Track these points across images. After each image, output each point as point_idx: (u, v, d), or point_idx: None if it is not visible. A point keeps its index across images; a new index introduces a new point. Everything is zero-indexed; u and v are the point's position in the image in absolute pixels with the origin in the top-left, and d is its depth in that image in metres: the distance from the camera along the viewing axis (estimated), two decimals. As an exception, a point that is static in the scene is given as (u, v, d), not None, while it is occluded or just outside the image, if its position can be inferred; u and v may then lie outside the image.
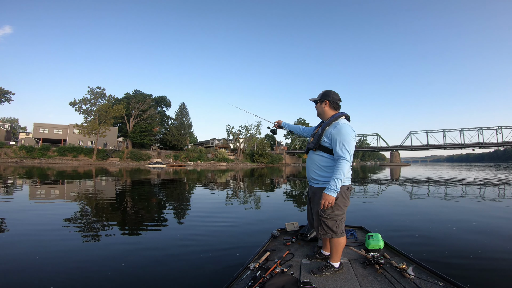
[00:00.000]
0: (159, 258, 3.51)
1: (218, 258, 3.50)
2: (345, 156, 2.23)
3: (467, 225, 5.27)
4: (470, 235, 4.54)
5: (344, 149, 2.23)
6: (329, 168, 2.38)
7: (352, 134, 2.29)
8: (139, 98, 62.59)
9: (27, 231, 4.63)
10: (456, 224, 5.34)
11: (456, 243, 4.09)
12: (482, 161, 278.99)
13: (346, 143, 2.24)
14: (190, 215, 6.57)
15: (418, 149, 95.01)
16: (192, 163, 57.41)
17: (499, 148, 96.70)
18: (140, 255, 3.64)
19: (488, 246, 3.91)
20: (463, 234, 4.59)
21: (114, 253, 3.70)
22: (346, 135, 2.26)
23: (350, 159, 2.25)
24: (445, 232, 4.72)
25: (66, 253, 3.64)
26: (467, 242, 4.15)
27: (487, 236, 4.48)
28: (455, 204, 7.91)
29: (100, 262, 3.34)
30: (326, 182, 2.37)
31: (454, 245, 3.98)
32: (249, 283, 2.09)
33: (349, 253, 2.81)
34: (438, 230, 4.85)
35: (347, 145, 2.24)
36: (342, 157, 2.24)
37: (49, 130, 55.40)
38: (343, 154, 2.24)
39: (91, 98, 49.72)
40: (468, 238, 4.37)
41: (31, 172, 21.98)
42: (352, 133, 2.30)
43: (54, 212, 6.43)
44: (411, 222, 5.52)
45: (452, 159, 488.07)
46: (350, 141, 2.25)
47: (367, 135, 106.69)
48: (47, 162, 44.64)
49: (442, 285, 2.06)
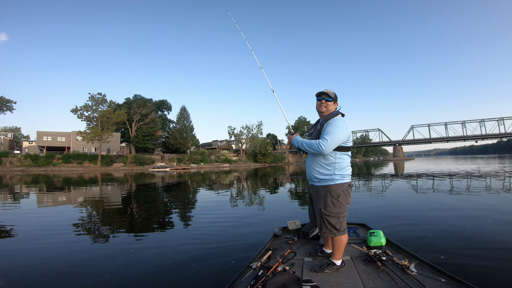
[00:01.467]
0: (163, 258, 3.60)
1: (221, 257, 3.56)
2: (323, 141, 2.30)
3: (472, 220, 5.22)
4: (475, 230, 4.49)
5: (328, 136, 2.31)
6: (330, 165, 2.41)
7: (342, 127, 2.35)
8: (140, 103, 62.80)
9: (36, 237, 4.72)
10: (461, 219, 5.30)
11: (460, 239, 4.07)
12: (486, 153, 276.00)
13: (331, 133, 2.31)
14: (194, 216, 6.69)
15: (421, 143, 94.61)
16: (195, 166, 57.54)
17: (502, 139, 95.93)
18: (144, 255, 3.73)
19: (492, 242, 3.87)
20: (467, 230, 4.55)
21: (121, 254, 3.80)
22: (335, 126, 2.34)
23: (327, 145, 2.29)
24: (448, 227, 4.71)
25: (74, 256, 3.71)
26: (471, 237, 4.12)
27: (492, 232, 4.41)
28: (459, 199, 7.88)
29: (105, 262, 3.43)
30: (327, 180, 2.41)
31: (457, 241, 3.97)
32: (251, 282, 2.10)
33: (351, 251, 2.82)
34: (441, 225, 4.84)
35: (332, 134, 2.30)
36: (321, 139, 2.33)
37: (53, 138, 55.79)
38: (323, 137, 2.33)
39: (92, 104, 49.97)
40: (472, 233, 4.33)
41: (38, 180, 22.20)
42: (344, 127, 2.37)
43: (62, 217, 6.57)
44: (414, 218, 5.51)
45: (456, 152, 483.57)
46: (336, 132, 2.31)
47: (368, 131, 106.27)
48: (53, 169, 44.99)
49: (444, 281, 2.05)
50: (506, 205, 6.68)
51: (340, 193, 2.38)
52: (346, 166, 2.45)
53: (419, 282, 2.06)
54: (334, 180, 2.41)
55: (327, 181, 2.42)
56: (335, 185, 2.41)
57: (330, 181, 2.42)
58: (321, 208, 2.42)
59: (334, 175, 2.41)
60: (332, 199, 2.39)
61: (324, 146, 2.29)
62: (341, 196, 2.38)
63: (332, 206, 2.38)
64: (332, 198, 2.39)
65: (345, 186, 2.42)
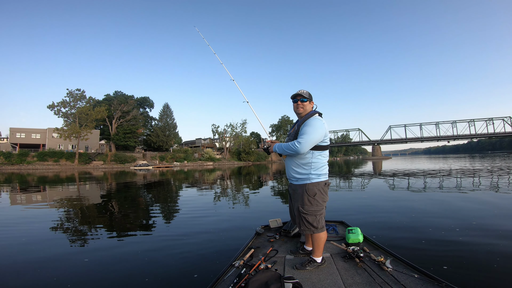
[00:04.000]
0: (144, 258, 3.56)
1: (204, 256, 3.57)
2: (299, 141, 2.35)
3: (444, 216, 5.47)
4: (447, 226, 4.69)
5: (304, 136, 2.36)
6: (307, 165, 2.47)
7: (318, 127, 2.38)
8: (121, 100, 60.90)
9: (13, 239, 4.53)
10: (433, 216, 5.56)
11: (432, 234, 4.26)
12: (458, 152, 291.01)
13: (307, 133, 2.36)
14: (176, 215, 6.64)
15: (398, 142, 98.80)
16: (178, 164, 56.65)
17: (473, 139, 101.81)
18: (124, 255, 3.68)
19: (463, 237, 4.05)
20: (440, 225, 4.76)
21: (100, 255, 3.72)
22: (311, 126, 2.38)
23: (302, 145, 2.34)
24: (422, 224, 4.94)
25: (52, 259, 3.58)
26: (444, 233, 4.31)
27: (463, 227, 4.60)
28: (433, 196, 8.26)
29: (86, 265, 3.35)
30: (304, 179, 2.48)
31: (430, 237, 4.15)
32: (234, 280, 2.14)
33: (331, 248, 2.91)
34: (416, 222, 5.07)
35: (308, 135, 2.35)
36: (297, 140, 2.39)
37: (27, 134, 53.04)
38: (299, 138, 2.38)
39: (70, 100, 48.02)
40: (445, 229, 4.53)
41: (11, 178, 21.11)
42: (320, 126, 2.40)
43: (38, 219, 6.29)
44: (390, 215, 5.72)
45: (430, 151, 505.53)
46: (312, 132, 2.36)
47: (349, 130, 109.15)
48: (27, 168, 42.90)
49: (417, 277, 2.16)
50: (482, 200, 7.06)
51: (316, 192, 2.44)
52: (322, 165, 2.51)
53: (394, 278, 2.17)
54: (311, 179, 2.46)
55: (304, 180, 2.48)
56: (311, 183, 2.46)
57: (307, 180, 2.47)
58: (299, 206, 2.49)
59: (310, 174, 2.46)
60: (309, 198, 2.45)
61: (300, 146, 2.35)
62: (317, 194, 2.44)
63: (309, 204, 2.44)
64: (309, 197, 2.45)
65: (321, 184, 2.47)
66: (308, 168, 2.46)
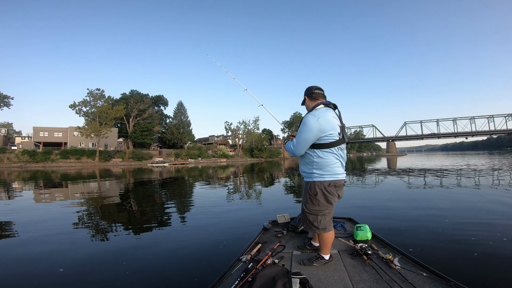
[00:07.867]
0: (153, 251, 3.72)
1: (212, 250, 3.66)
2: (293, 143, 2.38)
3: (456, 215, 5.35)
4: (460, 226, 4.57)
5: (297, 136, 2.33)
6: (309, 163, 2.40)
7: (310, 125, 2.23)
8: (137, 98, 62.28)
9: (36, 233, 4.79)
10: (446, 214, 5.43)
11: (443, 233, 4.19)
12: (476, 149, 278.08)
13: (299, 133, 2.31)
14: (187, 210, 6.87)
15: (413, 139, 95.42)
16: (193, 161, 57.40)
17: (492, 136, 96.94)
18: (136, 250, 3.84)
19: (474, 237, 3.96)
20: (451, 224, 4.67)
21: (113, 249, 3.90)
22: (302, 125, 2.29)
23: (296, 147, 2.34)
24: (433, 222, 4.83)
25: (74, 252, 3.79)
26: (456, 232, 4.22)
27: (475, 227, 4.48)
28: (447, 194, 8.02)
29: (101, 259, 3.52)
30: (308, 177, 2.45)
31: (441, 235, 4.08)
32: (241, 275, 2.17)
33: (338, 244, 2.91)
34: (427, 221, 4.95)
35: (299, 134, 2.30)
36: (292, 141, 2.41)
37: (49, 133, 55.27)
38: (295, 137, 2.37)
39: (90, 100, 49.56)
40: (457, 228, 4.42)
41: (36, 175, 22.13)
42: (311, 124, 2.22)
43: (62, 213, 6.66)
44: (400, 212, 5.63)
45: (447, 148, 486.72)
46: (303, 131, 2.26)
47: (362, 127, 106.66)
48: (51, 165, 44.68)
49: (425, 276, 2.13)
50: (493, 201, 6.83)
51: (318, 191, 2.34)
52: (329, 164, 2.32)
53: (402, 276, 2.15)
54: (313, 177, 2.37)
55: (308, 178, 2.44)
56: (313, 182, 2.38)
57: (309, 178, 2.42)
58: (303, 203, 2.51)
59: (312, 173, 2.37)
60: (311, 197, 2.40)
61: (294, 148, 2.36)
62: (318, 194, 2.35)
63: (311, 203, 2.40)
64: (311, 195, 2.39)
65: (324, 184, 2.33)
66: (310, 166, 2.39)
